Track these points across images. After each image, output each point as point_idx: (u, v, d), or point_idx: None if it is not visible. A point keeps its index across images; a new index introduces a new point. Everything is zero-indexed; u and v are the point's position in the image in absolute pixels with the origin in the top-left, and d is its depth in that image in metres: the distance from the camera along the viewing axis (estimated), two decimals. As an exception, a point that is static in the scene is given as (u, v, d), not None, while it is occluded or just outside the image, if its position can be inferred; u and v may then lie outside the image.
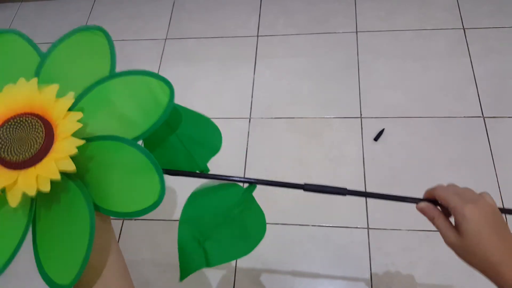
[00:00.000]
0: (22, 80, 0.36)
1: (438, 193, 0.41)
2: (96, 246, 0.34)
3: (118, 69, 0.39)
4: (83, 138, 0.34)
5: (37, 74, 0.39)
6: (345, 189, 0.44)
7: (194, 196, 0.47)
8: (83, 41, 0.41)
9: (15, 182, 0.32)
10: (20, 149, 0.33)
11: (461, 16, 1.27)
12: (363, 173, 1.05)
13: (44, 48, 0.40)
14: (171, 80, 0.38)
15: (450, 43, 1.23)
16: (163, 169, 0.37)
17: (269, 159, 1.12)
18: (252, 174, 1.09)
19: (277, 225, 1.01)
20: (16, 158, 0.33)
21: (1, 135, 0.33)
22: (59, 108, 0.34)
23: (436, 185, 0.42)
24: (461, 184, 0.41)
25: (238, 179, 0.46)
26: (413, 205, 0.43)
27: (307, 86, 1.22)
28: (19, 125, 0.33)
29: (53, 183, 0.32)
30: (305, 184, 0.45)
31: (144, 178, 0.36)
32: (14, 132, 0.33)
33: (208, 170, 0.47)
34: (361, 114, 1.14)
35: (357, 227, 0.99)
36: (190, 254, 0.46)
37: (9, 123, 0.34)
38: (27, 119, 0.34)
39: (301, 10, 1.37)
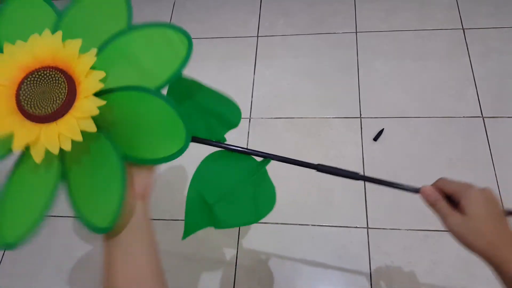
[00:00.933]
0: (47, 32, 0.36)
1: (441, 182, 0.42)
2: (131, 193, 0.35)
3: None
4: (105, 89, 0.35)
5: (55, 30, 0.39)
6: (357, 173, 0.44)
7: (209, 160, 0.48)
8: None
9: (37, 138, 0.33)
10: (43, 103, 0.33)
11: (460, 16, 1.27)
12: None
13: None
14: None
15: (450, 43, 1.23)
16: None
17: (269, 159, 1.12)
18: (252, 174, 1.09)
19: (277, 225, 1.01)
20: (38, 112, 0.33)
21: (26, 87, 0.33)
22: (82, 65, 0.34)
23: (438, 179, 0.43)
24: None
25: (253, 152, 0.47)
26: (413, 205, 0.43)
27: (306, 86, 1.22)
28: (42, 78, 0.34)
29: (82, 133, 0.33)
30: (319, 165, 0.46)
31: (169, 125, 0.36)
32: (37, 85, 0.34)
33: (225, 140, 0.47)
34: (360, 114, 1.15)
35: (356, 227, 0.99)
36: (197, 213, 0.46)
37: (33, 75, 0.34)
38: (51, 73, 0.34)
39: (301, 10, 1.38)
